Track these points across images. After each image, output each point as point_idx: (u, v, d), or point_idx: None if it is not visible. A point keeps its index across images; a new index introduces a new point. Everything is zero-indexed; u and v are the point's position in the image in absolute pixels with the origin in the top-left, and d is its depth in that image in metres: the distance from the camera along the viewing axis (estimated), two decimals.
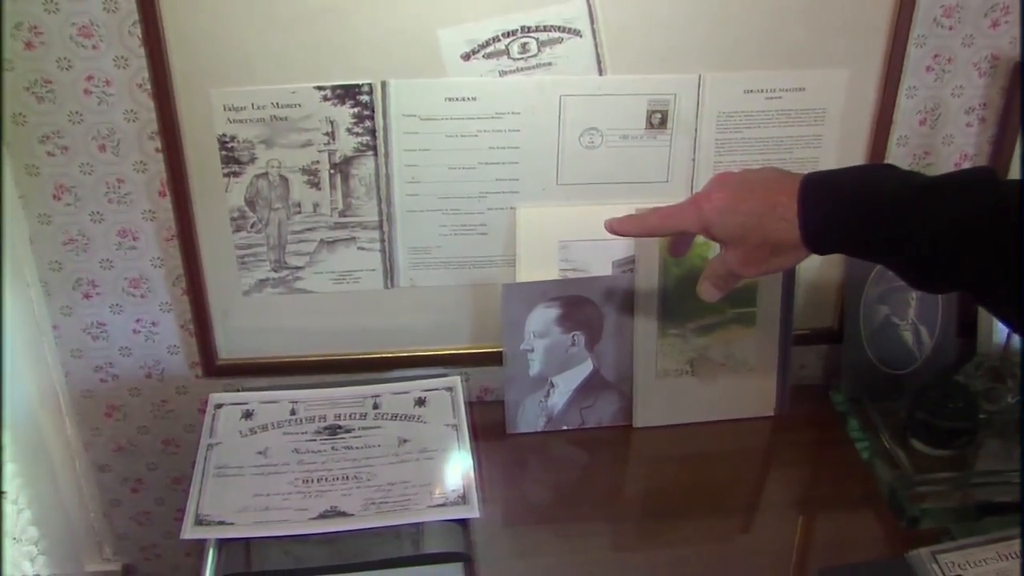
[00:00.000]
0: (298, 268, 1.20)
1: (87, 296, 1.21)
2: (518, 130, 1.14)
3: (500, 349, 1.21)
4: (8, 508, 1.13)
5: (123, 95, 1.08)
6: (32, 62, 1.05)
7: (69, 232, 1.16)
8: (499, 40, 1.09)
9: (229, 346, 1.25)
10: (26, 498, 1.16)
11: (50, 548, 1.21)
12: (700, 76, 1.13)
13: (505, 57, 1.10)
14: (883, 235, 0.80)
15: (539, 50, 1.10)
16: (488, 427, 1.23)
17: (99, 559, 1.39)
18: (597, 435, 1.25)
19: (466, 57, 1.09)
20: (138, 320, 1.24)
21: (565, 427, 1.24)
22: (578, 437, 1.24)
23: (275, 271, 1.20)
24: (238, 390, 1.23)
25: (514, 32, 1.08)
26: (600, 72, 1.11)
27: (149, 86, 1.07)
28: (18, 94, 1.07)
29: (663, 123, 1.15)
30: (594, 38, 1.09)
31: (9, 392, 1.11)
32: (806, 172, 0.86)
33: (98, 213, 1.15)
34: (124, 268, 1.20)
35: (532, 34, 1.09)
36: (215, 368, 1.25)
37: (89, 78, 1.07)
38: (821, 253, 0.86)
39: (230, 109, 1.10)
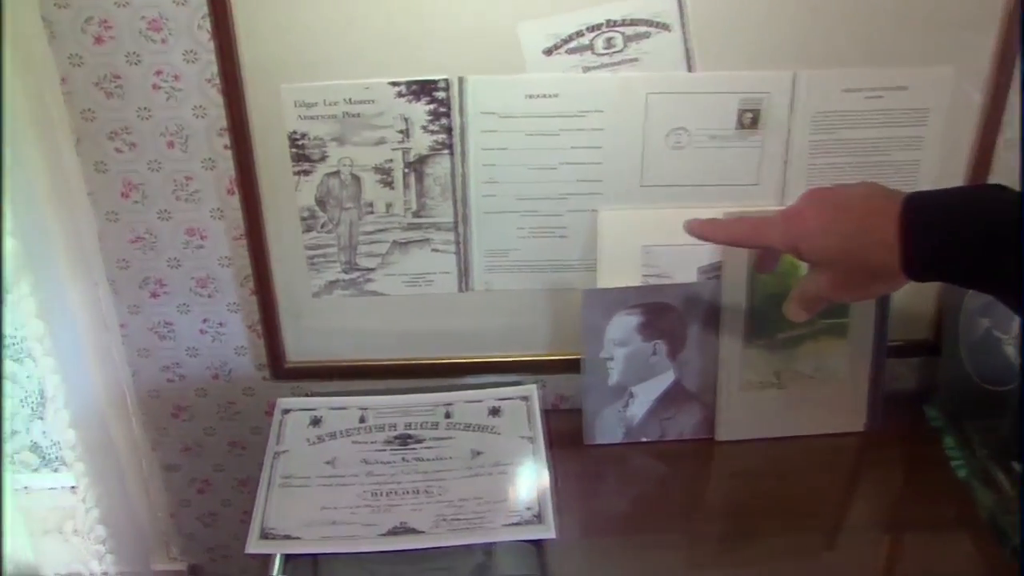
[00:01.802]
0: (369, 270, 1.18)
1: (154, 295, 1.21)
2: (601, 129, 1.11)
3: (577, 356, 1.18)
4: (78, 505, 1.15)
5: (192, 90, 1.08)
6: (101, 57, 1.05)
7: (136, 230, 1.16)
8: (583, 34, 1.06)
9: (297, 348, 1.24)
10: (94, 496, 1.17)
11: (117, 547, 1.22)
12: (795, 74, 1.09)
13: (589, 52, 1.07)
14: (999, 267, 0.74)
15: (625, 45, 1.07)
16: (563, 436, 1.19)
17: (166, 559, 1.41)
18: (677, 448, 1.21)
19: (548, 52, 1.06)
20: (205, 320, 1.23)
21: (644, 439, 1.21)
22: (657, 449, 1.21)
23: (346, 272, 1.18)
24: (306, 395, 1.21)
25: (599, 26, 1.05)
26: (689, 69, 1.08)
27: (218, 81, 1.06)
28: (87, 90, 1.07)
29: (754, 123, 1.11)
30: (683, 32, 1.06)
31: (77, 390, 1.13)
32: (903, 179, 0.81)
33: (166, 211, 1.15)
34: (192, 267, 1.19)
35: (618, 28, 1.05)
36: (283, 371, 1.25)
37: (158, 73, 1.06)
38: (921, 281, 0.80)
39: (301, 105, 1.08)
